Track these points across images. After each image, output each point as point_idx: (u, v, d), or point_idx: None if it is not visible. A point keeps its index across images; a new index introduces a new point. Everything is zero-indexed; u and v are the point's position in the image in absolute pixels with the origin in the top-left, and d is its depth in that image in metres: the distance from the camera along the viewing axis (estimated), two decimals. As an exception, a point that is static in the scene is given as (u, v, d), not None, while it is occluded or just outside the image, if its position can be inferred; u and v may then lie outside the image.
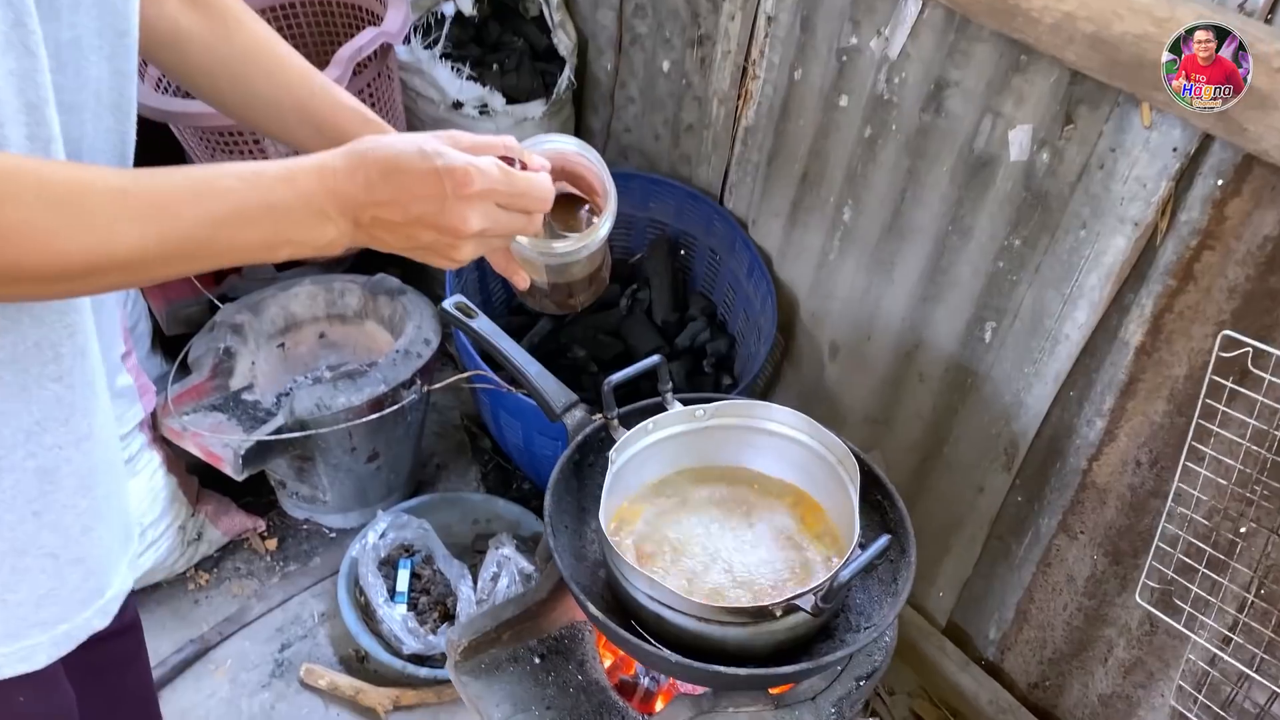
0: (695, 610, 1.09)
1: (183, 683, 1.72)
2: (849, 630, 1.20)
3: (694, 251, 2.27)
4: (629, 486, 1.26)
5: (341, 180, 0.75)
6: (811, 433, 1.28)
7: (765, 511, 1.29)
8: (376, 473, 1.94)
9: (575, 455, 1.28)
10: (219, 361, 1.86)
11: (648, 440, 1.27)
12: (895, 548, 1.23)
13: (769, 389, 2.19)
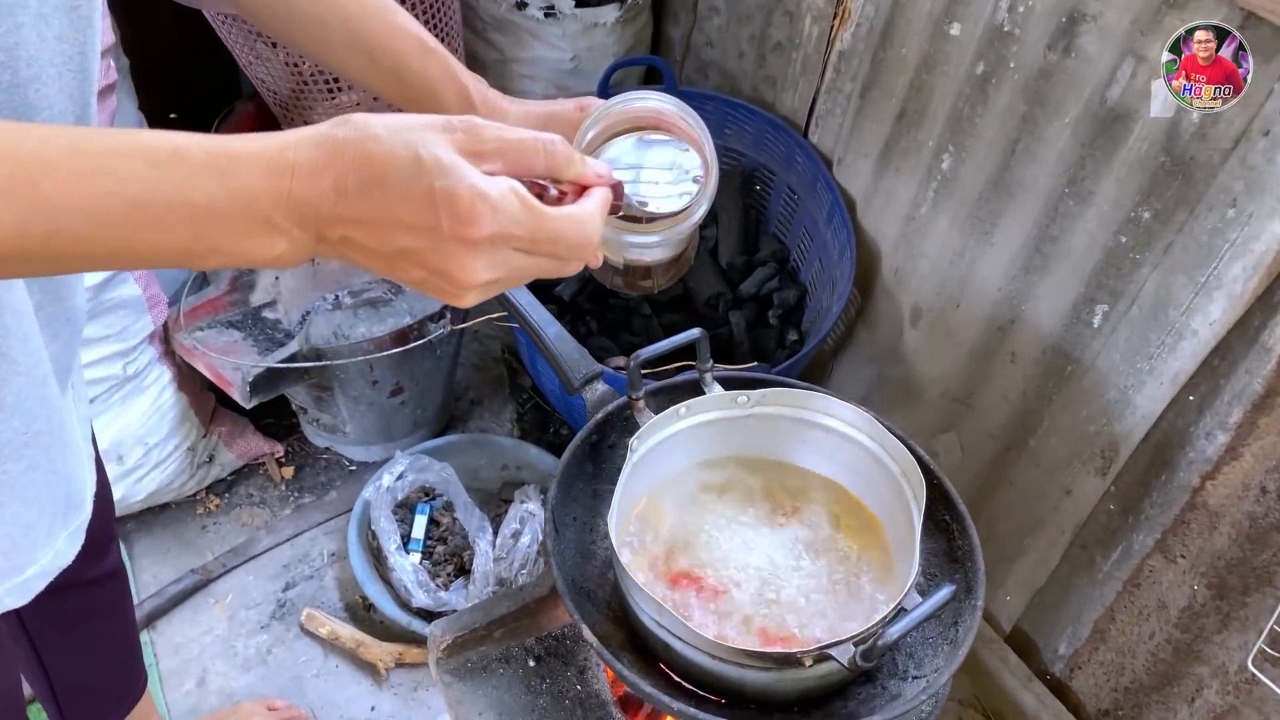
0: (708, 648, 0.91)
1: (179, 615, 1.63)
2: (894, 675, 1.01)
3: (770, 188, 2.04)
4: (651, 478, 1.08)
5: (302, 181, 0.53)
6: (874, 434, 1.08)
7: (810, 519, 1.10)
8: (401, 407, 1.79)
9: (593, 435, 1.10)
10: (238, 274, 1.72)
11: (678, 426, 1.08)
12: (959, 588, 1.03)
13: (839, 350, 1.97)
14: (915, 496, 1.02)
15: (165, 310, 1.64)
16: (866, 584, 1.05)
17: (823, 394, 1.09)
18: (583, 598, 1.03)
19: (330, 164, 0.53)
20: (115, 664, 1.25)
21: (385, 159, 0.53)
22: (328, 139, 0.54)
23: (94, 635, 1.20)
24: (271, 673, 1.57)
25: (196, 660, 1.58)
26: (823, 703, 0.99)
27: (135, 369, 1.59)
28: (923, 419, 1.78)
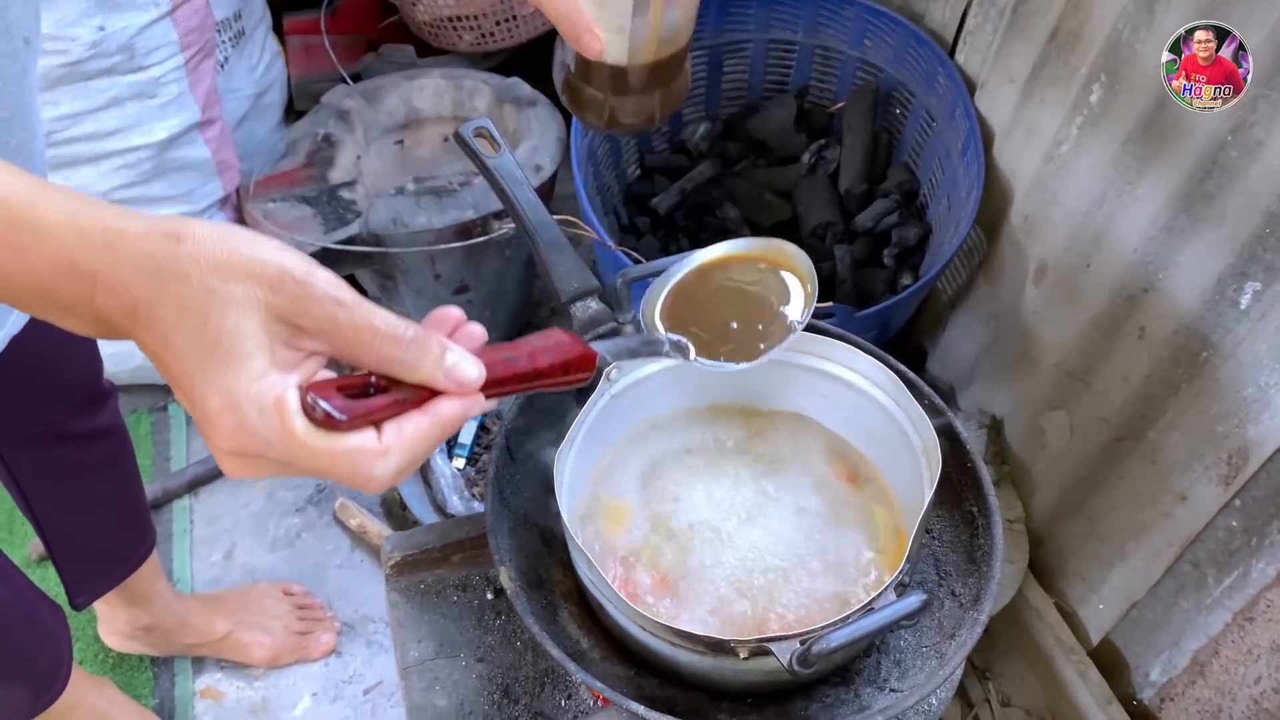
0: (632, 615, 0.78)
1: (220, 487, 1.63)
2: (872, 682, 0.86)
3: (908, 111, 1.81)
4: (630, 419, 0.95)
5: (102, 293, 0.48)
6: (899, 399, 0.90)
7: (816, 486, 0.94)
8: (468, 307, 1.70)
9: (578, 358, 0.97)
10: (316, 149, 1.66)
11: (668, 361, 0.93)
12: (966, 595, 0.85)
13: (957, 301, 1.75)
14: (930, 479, 0.84)
15: (237, 176, 1.60)
16: (864, 572, 0.89)
17: (845, 344, 0.92)
18: (532, 535, 0.92)
19: (132, 284, 0.47)
20: (113, 524, 1.24)
21: (179, 309, 0.47)
22: (139, 256, 0.47)
23: (87, 492, 1.18)
24: (296, 556, 1.55)
25: (228, 533, 1.57)
26: (781, 698, 0.85)
27: (202, 234, 1.57)
28: (1033, 391, 1.55)
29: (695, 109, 1.95)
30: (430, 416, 0.51)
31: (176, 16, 1.41)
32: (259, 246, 0.48)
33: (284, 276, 0.47)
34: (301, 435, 0.47)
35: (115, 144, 1.42)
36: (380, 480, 0.50)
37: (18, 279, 0.48)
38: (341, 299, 0.49)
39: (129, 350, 1.61)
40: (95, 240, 0.47)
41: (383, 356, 0.50)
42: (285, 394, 0.47)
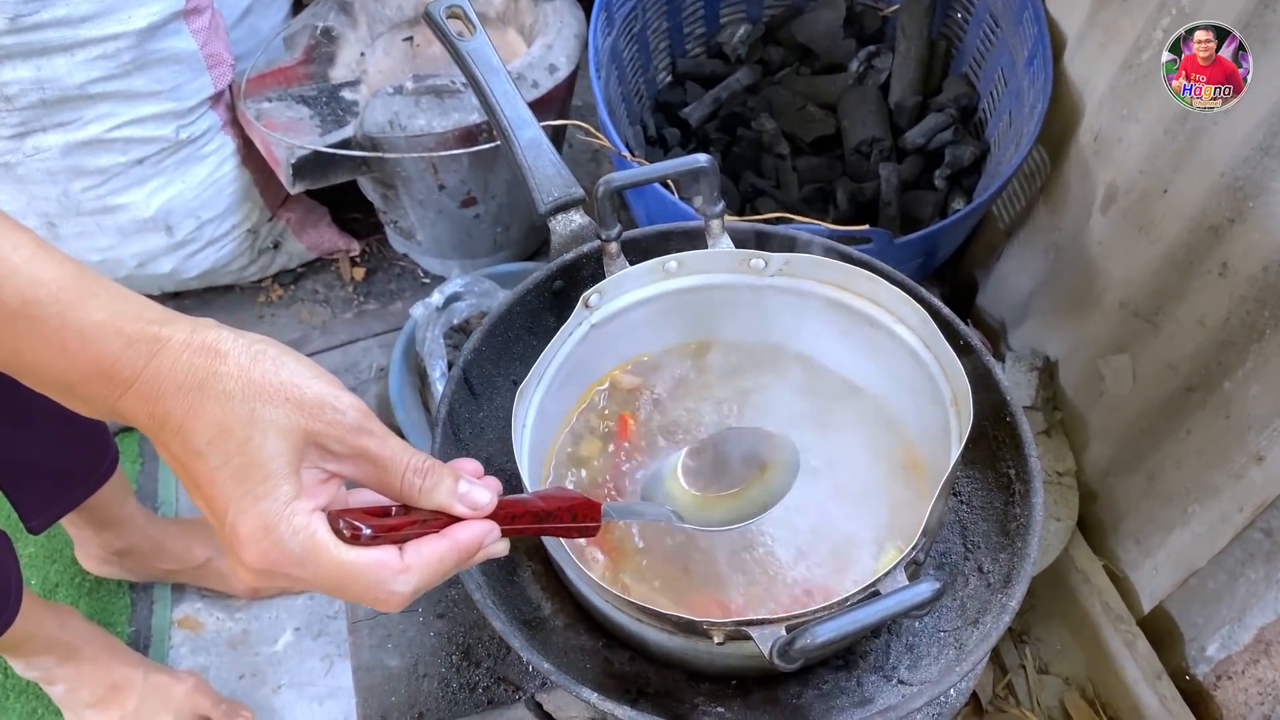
0: (598, 592, 0.66)
1: (212, 404, 1.53)
2: (878, 669, 0.73)
3: (969, 15, 1.62)
4: (613, 353, 0.82)
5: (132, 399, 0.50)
6: (929, 340, 0.76)
7: (827, 441, 0.81)
8: (476, 221, 1.58)
9: (558, 280, 0.84)
10: (315, 44, 1.53)
11: (661, 287, 0.80)
12: (995, 573, 0.72)
13: (1013, 229, 1.58)
14: (959, 435, 0.71)
15: (230, 72, 1.48)
16: (874, 544, 0.76)
17: (868, 274, 0.78)
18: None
19: (167, 395, 0.49)
20: (63, 440, 1.14)
21: (219, 428, 0.49)
22: (180, 369, 0.49)
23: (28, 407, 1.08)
24: (287, 482, 1.46)
25: (217, 453, 1.49)
26: (769, 682, 0.73)
27: (190, 134, 1.46)
28: (1093, 332, 1.39)
29: (735, 9, 1.78)
30: (448, 540, 0.54)
31: (153, -111, 1.27)
32: (296, 371, 0.52)
33: (322, 404, 0.51)
34: (331, 549, 0.50)
35: (91, 31, 1.30)
36: (400, 597, 0.52)
37: (51, 372, 0.50)
38: (372, 430, 0.53)
39: (118, 257, 1.52)
40: (138, 349, 0.49)
41: (406, 483, 0.54)
42: (315, 514, 0.50)
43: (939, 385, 0.75)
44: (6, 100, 1.33)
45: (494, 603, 0.68)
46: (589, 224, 0.84)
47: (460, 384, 0.78)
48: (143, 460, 1.47)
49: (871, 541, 0.75)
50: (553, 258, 0.84)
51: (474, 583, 0.68)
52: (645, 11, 1.64)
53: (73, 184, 1.43)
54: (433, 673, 0.83)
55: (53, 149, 1.39)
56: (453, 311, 1.52)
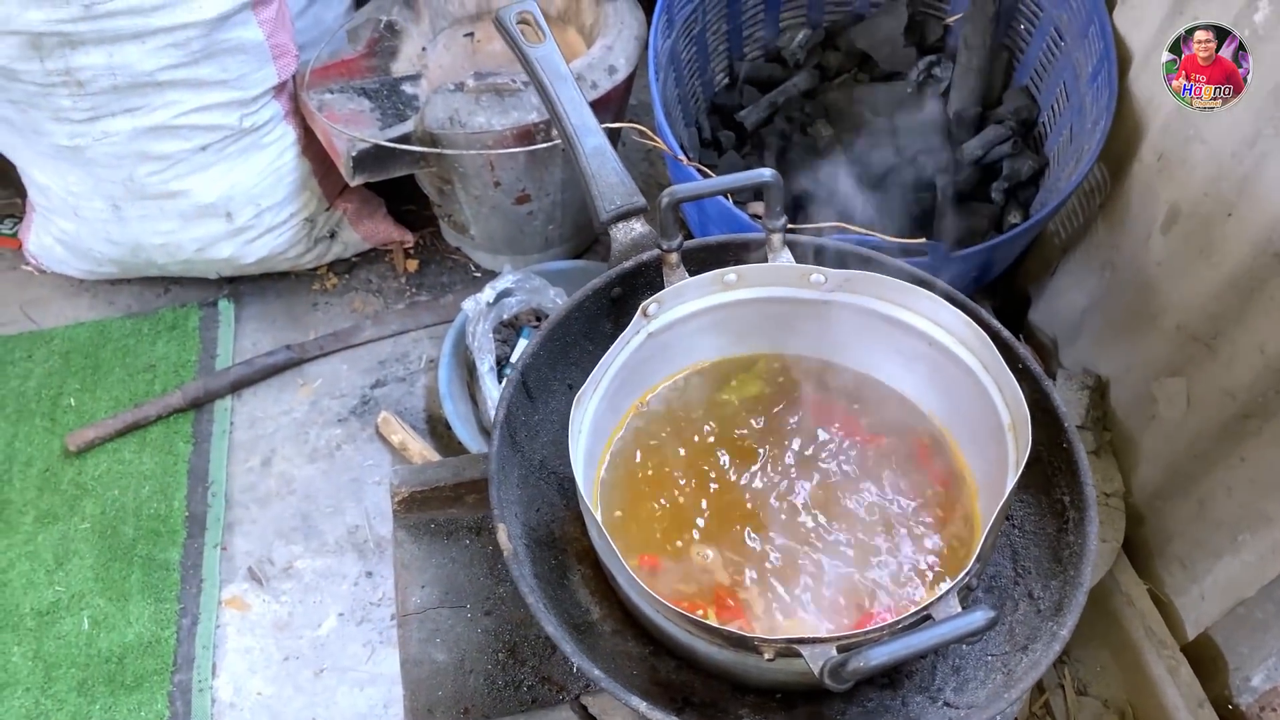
0: (642, 596, 0.67)
1: (265, 389, 1.57)
2: (924, 689, 0.73)
3: (1033, 27, 1.60)
4: (669, 363, 0.83)
5: None
6: (989, 363, 0.76)
7: (880, 459, 0.81)
8: (529, 218, 1.59)
9: (616, 287, 0.85)
10: (378, 38, 1.55)
11: (720, 298, 0.81)
12: (1046, 600, 0.72)
13: (1070, 245, 1.56)
14: (1017, 461, 0.70)
15: (294, 63, 1.50)
16: (927, 567, 0.76)
17: (929, 294, 0.78)
18: (549, 486, 0.81)
19: None
20: None
21: None
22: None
23: None
24: (335, 469, 1.49)
25: (268, 439, 1.52)
26: (814, 697, 0.73)
27: (254, 123, 1.48)
28: (1148, 354, 1.37)
29: (795, 14, 1.77)
30: None
31: (227, -121, 1.29)
32: None
33: None
34: None
35: (161, 19, 1.33)
36: None
37: None
38: None
39: (179, 241, 1.55)
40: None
41: None
42: None
43: (997, 409, 0.75)
44: (79, 85, 1.36)
45: (545, 605, 0.69)
46: (649, 232, 0.85)
47: (518, 388, 0.79)
48: (195, 440, 1.50)
49: (924, 563, 0.75)
50: (612, 264, 0.85)
51: (526, 585, 0.69)
52: (705, 14, 1.64)
53: (139, 168, 1.46)
54: (479, 669, 0.84)
55: (121, 133, 1.42)
56: (503, 307, 1.54)
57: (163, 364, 1.58)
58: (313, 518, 1.44)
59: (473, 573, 0.90)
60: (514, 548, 0.71)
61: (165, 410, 1.51)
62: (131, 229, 1.52)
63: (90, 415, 1.52)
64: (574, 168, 0.85)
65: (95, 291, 1.68)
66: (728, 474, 0.80)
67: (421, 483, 0.90)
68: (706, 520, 0.77)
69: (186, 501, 1.43)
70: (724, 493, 0.78)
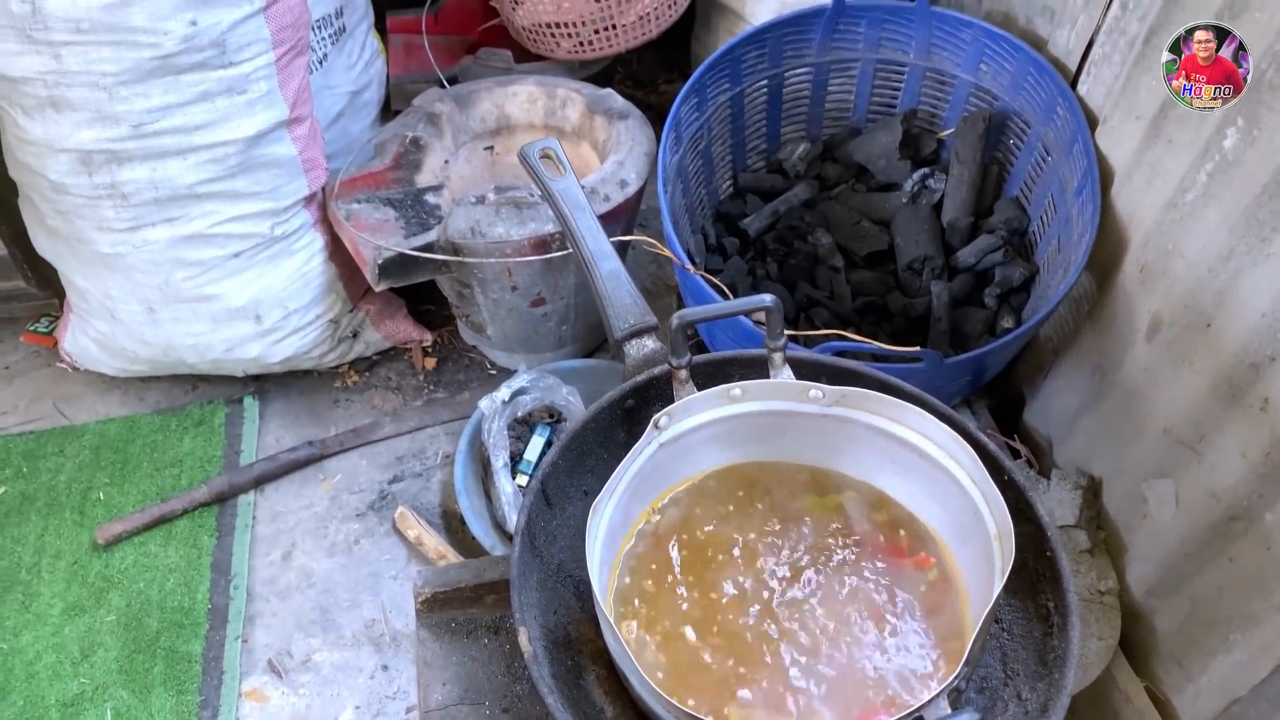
0: (652, 697, 0.72)
1: (287, 483, 1.62)
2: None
3: (1022, 143, 1.70)
4: (678, 470, 0.89)
5: None
6: (976, 476, 0.82)
7: (875, 559, 0.86)
8: (543, 320, 1.67)
9: (629, 399, 0.91)
10: (404, 152, 1.64)
11: (725, 411, 0.87)
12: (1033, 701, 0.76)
13: (1061, 349, 1.63)
14: (1002, 569, 0.76)
15: (324, 175, 1.59)
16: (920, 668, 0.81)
17: (919, 409, 0.84)
18: (565, 588, 0.87)
19: None
20: None
21: None
22: None
23: None
24: (353, 563, 1.53)
25: (289, 533, 1.57)
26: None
27: (284, 231, 1.57)
28: (1138, 455, 1.43)
29: (795, 128, 1.87)
30: None
31: (270, 13, 1.40)
32: None
33: None
34: None
35: (203, 138, 1.43)
36: None
37: None
38: None
39: (209, 342, 1.63)
40: None
41: None
42: None
43: (984, 519, 0.80)
44: (123, 198, 1.45)
45: (562, 705, 0.73)
46: (660, 349, 0.92)
47: (538, 496, 0.85)
48: (218, 534, 1.56)
49: (916, 665, 0.79)
50: (625, 378, 0.91)
51: (545, 685, 0.73)
52: (711, 130, 1.74)
53: (174, 273, 1.54)
54: (497, 764, 0.88)
55: (160, 241, 1.50)
56: (517, 404, 1.60)
57: (189, 459, 1.64)
58: (331, 611, 1.48)
59: (491, 671, 0.95)
60: (533, 650, 0.76)
61: (191, 505, 1.57)
62: (165, 330, 1.60)
63: (119, 509, 1.58)
64: (591, 290, 0.93)
65: (126, 388, 1.75)
66: (733, 578, 0.85)
67: (443, 584, 0.95)
68: (714, 623, 0.82)
69: (209, 594, 1.48)
70: (729, 595, 0.83)
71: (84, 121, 1.37)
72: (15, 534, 1.55)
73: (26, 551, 1.53)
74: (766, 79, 1.77)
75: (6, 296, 1.78)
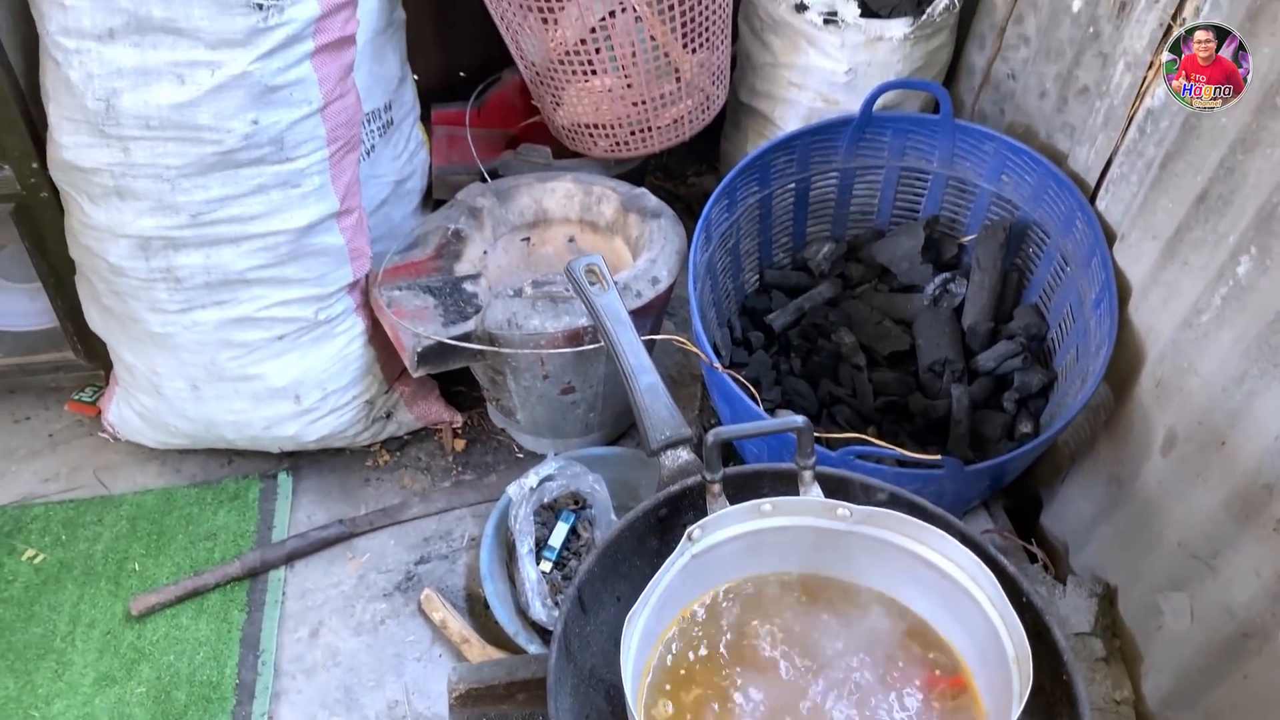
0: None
1: (317, 561, 1.66)
2: None
3: (1041, 252, 1.76)
4: (708, 581, 0.92)
5: None
6: (995, 600, 0.85)
7: (897, 675, 0.89)
8: (572, 406, 1.72)
9: (663, 508, 0.96)
10: (445, 243, 1.71)
11: (756, 525, 0.91)
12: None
13: (1078, 455, 1.66)
14: (1020, 693, 0.79)
15: (368, 264, 1.66)
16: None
17: (941, 532, 0.88)
18: (597, 694, 0.90)
19: None
20: None
21: None
22: None
23: None
24: (379, 643, 1.56)
25: (317, 610, 1.60)
26: None
27: (328, 315, 1.63)
28: (1153, 566, 1.45)
29: (821, 227, 1.94)
30: None
31: (326, 113, 1.47)
32: None
33: None
34: None
35: (257, 227, 1.49)
36: None
37: None
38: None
39: (249, 419, 1.68)
40: None
41: None
42: None
43: (1003, 641, 0.84)
44: (177, 281, 1.51)
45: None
46: (693, 460, 0.96)
47: (574, 603, 0.89)
48: (249, 609, 1.59)
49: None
50: (659, 488, 0.96)
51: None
52: (740, 229, 1.81)
53: (220, 354, 1.60)
54: None
55: (208, 323, 1.56)
56: (544, 491, 1.64)
57: (223, 533, 1.68)
58: (355, 691, 1.51)
59: (520, 766, 0.98)
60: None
61: (223, 579, 1.61)
62: (207, 407, 1.65)
63: (153, 580, 1.62)
64: (630, 401, 0.97)
65: (164, 459, 1.81)
66: (760, 686, 0.88)
67: (477, 680, 0.99)
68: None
69: (238, 669, 1.51)
70: (756, 704, 0.86)
71: (146, 210, 1.44)
72: (52, 602, 1.59)
73: (62, 620, 1.57)
74: (794, 182, 1.84)
75: (54, 367, 1.83)
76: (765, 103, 1.99)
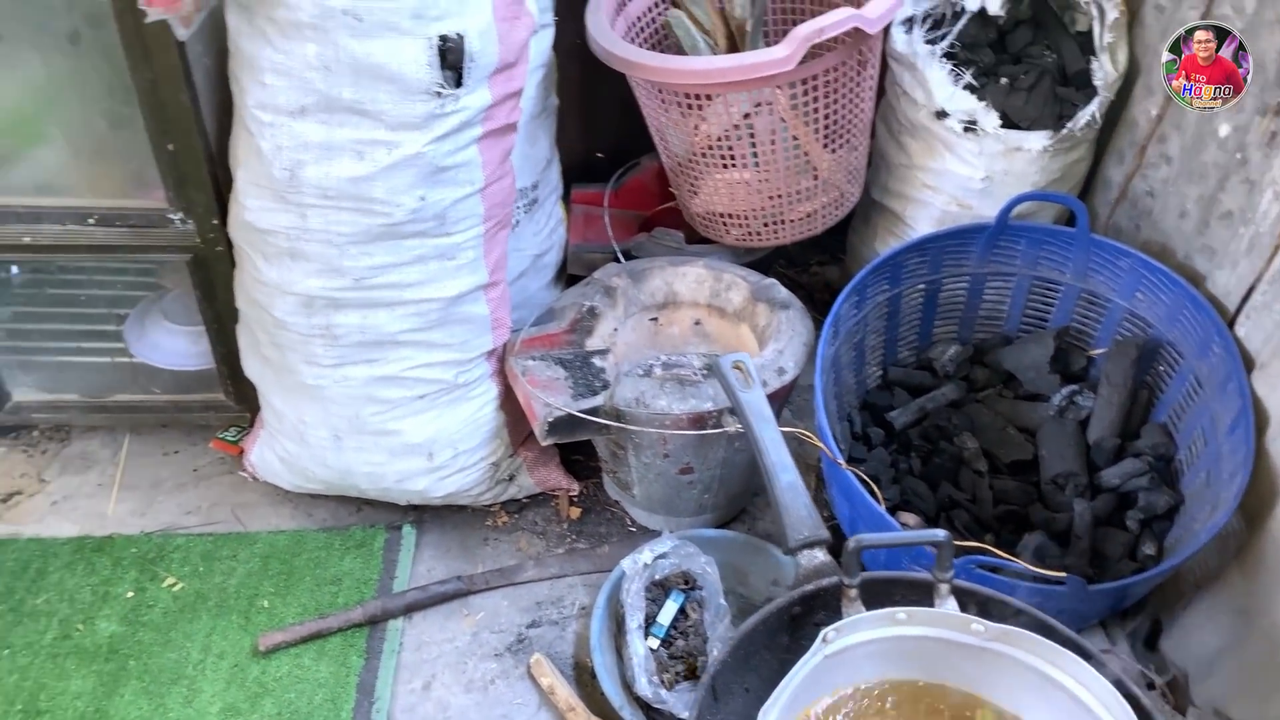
0: None
1: (434, 614, 1.72)
2: None
3: (1174, 372, 1.74)
4: (838, 680, 0.94)
5: None
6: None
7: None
8: (689, 486, 1.76)
9: (796, 606, 0.98)
10: (579, 318, 1.78)
11: (889, 632, 0.93)
12: None
13: (1203, 585, 1.63)
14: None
15: (507, 333, 1.74)
16: None
17: (1076, 657, 0.88)
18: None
19: None
20: None
21: None
22: None
23: None
24: (488, 702, 1.60)
25: (431, 664, 1.65)
26: None
27: (466, 379, 1.71)
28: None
29: (948, 329, 1.95)
30: None
31: (486, 193, 1.57)
32: None
33: None
34: None
35: (412, 294, 1.59)
36: None
37: None
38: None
39: (383, 472, 1.76)
40: None
41: None
42: None
43: (1135, 774, 0.84)
44: (334, 338, 1.61)
45: None
46: (829, 562, 0.99)
47: (708, 691, 0.92)
48: (367, 655, 1.65)
49: None
50: (794, 585, 0.98)
51: None
52: (866, 325, 1.84)
53: (364, 408, 1.69)
54: None
55: (357, 379, 1.66)
56: (656, 568, 1.67)
57: (348, 579, 1.76)
58: (462, 748, 1.56)
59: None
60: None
61: (345, 624, 1.67)
62: (346, 457, 1.74)
63: (280, 618, 1.69)
64: (770, 497, 1.01)
65: (297, 502, 1.90)
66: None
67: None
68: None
69: (353, 714, 1.57)
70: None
71: (314, 271, 1.54)
72: (187, 630, 1.68)
73: (195, 648, 1.65)
74: (925, 283, 1.87)
75: (205, 406, 1.96)
76: (898, 202, 2.03)
